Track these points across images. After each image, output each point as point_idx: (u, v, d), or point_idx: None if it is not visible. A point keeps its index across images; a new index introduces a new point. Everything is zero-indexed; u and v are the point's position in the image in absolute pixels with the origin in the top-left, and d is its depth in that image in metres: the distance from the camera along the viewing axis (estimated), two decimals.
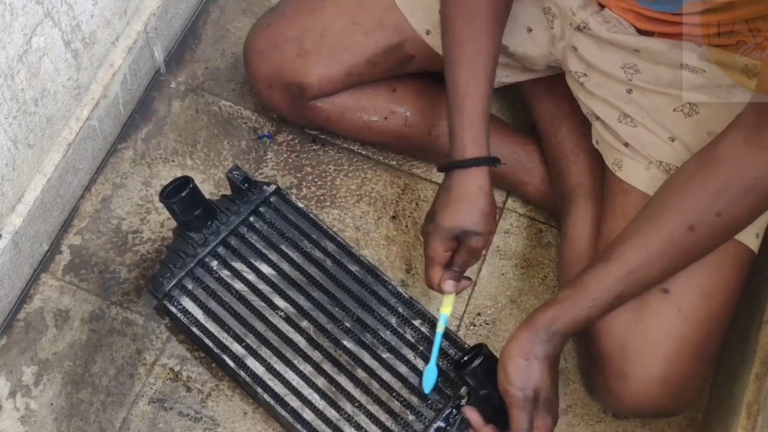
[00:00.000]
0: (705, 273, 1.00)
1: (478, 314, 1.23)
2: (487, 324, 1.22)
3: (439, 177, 1.31)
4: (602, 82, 1.09)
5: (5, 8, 0.94)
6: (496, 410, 1.03)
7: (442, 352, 1.11)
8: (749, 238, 1.02)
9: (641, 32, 1.03)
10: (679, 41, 1.01)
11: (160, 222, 1.26)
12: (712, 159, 0.92)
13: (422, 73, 1.25)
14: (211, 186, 1.29)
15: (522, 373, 0.95)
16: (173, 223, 1.18)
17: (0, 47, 0.96)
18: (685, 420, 1.17)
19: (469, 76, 1.05)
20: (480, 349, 1.05)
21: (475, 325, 1.22)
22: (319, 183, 1.30)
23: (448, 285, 1.07)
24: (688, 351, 1.00)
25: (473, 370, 1.03)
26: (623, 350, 1.00)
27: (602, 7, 1.04)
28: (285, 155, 1.32)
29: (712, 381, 1.18)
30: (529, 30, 1.13)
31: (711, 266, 1.00)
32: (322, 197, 1.29)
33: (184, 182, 1.13)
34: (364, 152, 1.33)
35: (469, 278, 1.11)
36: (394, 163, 1.32)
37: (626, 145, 1.08)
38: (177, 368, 1.17)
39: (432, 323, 1.13)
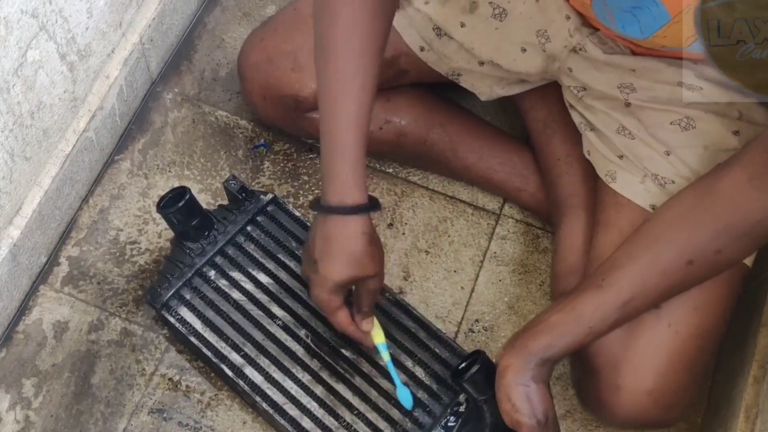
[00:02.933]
0: (696, 288, 0.99)
1: (476, 321, 1.23)
2: (485, 330, 1.22)
3: (435, 184, 1.32)
4: (600, 96, 1.09)
5: (0, 22, 0.94)
6: (495, 417, 1.03)
7: (440, 359, 1.11)
8: None
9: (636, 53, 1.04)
10: (674, 59, 1.01)
11: (158, 232, 1.27)
12: (715, 195, 0.92)
13: (416, 84, 1.26)
14: (208, 196, 1.30)
15: (528, 401, 0.95)
16: (171, 234, 1.19)
17: None
18: (684, 424, 1.17)
19: (350, 117, 0.95)
20: (477, 355, 1.05)
21: (473, 332, 1.22)
22: (316, 191, 1.31)
23: (366, 324, 1.03)
24: (679, 364, 1.01)
25: (471, 377, 1.03)
26: (615, 364, 1.01)
27: (595, 29, 1.05)
28: (282, 164, 1.32)
29: (710, 385, 1.18)
30: (523, 50, 1.13)
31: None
32: None
33: (181, 192, 1.13)
34: None
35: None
36: (390, 170, 1.33)
37: (621, 157, 1.07)
38: (176, 378, 1.18)
39: (429, 330, 1.13)
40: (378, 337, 1.06)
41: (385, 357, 1.06)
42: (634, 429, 1.15)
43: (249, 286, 1.15)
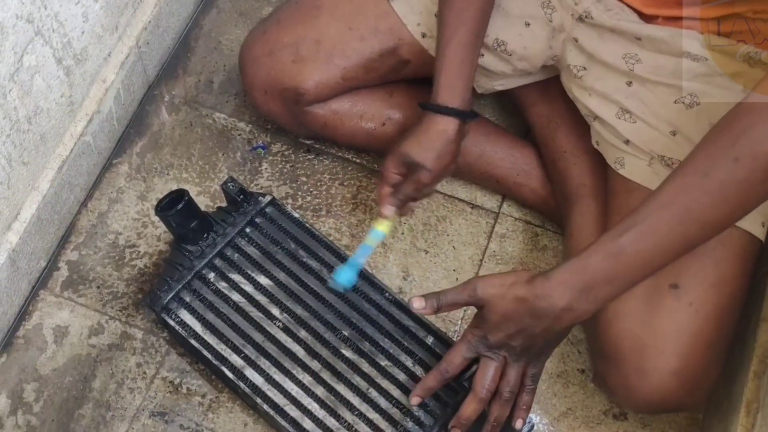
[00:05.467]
0: (713, 265, 1.00)
1: None
2: None
3: None
4: (602, 75, 1.09)
5: None
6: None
7: (440, 358, 1.11)
8: (755, 227, 1.02)
9: (644, 19, 1.03)
10: (681, 29, 1.01)
11: (157, 235, 1.27)
12: (741, 105, 0.86)
13: (419, 80, 1.26)
14: (206, 198, 1.30)
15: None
16: (170, 237, 1.19)
17: None
18: (685, 420, 1.17)
19: (455, 25, 1.08)
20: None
21: None
22: (315, 192, 1.31)
23: (387, 209, 1.13)
24: (702, 344, 1.00)
25: (472, 375, 1.03)
26: (640, 348, 1.00)
27: None
28: (280, 166, 1.32)
29: None
30: (527, 24, 1.13)
31: (718, 258, 1.00)
32: (317, 206, 1.30)
33: (179, 195, 1.13)
34: (358, 160, 1.33)
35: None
36: None
37: (627, 142, 1.07)
38: (177, 381, 1.18)
39: (429, 329, 1.13)
40: (379, 226, 1.14)
41: (369, 241, 1.13)
42: (659, 412, 1.15)
43: (248, 288, 1.15)
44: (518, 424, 1.00)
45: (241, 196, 1.19)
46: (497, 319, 0.93)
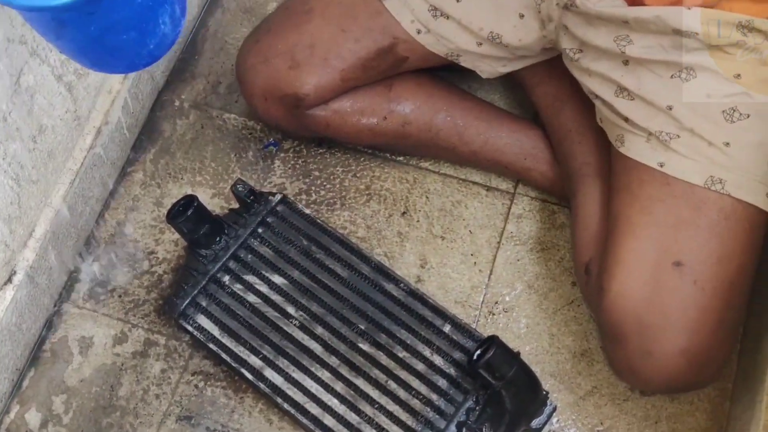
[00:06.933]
0: (717, 240, 0.98)
1: (496, 303, 1.22)
2: (505, 312, 1.21)
3: (446, 168, 1.31)
4: (597, 56, 1.07)
5: None
6: (514, 402, 1.03)
7: (458, 345, 1.11)
8: (759, 198, 0.99)
9: (629, 2, 1.01)
10: (670, 6, 0.99)
11: (174, 241, 1.28)
12: None
13: (417, 69, 1.25)
14: (221, 200, 1.30)
15: None
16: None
17: None
18: (714, 390, 1.15)
19: None
20: (492, 341, 1.04)
21: (493, 314, 1.21)
22: (328, 186, 1.30)
23: None
24: (710, 321, 0.98)
25: (486, 363, 1.03)
26: (643, 329, 0.99)
27: None
28: (292, 162, 1.32)
29: (740, 349, 1.15)
30: (521, 16, 1.11)
31: (722, 232, 0.98)
32: (331, 200, 1.29)
33: (189, 201, 1.14)
34: (370, 151, 1.32)
35: None
36: (401, 158, 1.32)
37: (626, 120, 1.06)
38: (201, 384, 1.19)
39: (445, 317, 1.13)
40: None
41: None
42: (669, 393, 1.14)
43: (263, 288, 1.16)
44: None
45: (251, 197, 1.19)
46: None
